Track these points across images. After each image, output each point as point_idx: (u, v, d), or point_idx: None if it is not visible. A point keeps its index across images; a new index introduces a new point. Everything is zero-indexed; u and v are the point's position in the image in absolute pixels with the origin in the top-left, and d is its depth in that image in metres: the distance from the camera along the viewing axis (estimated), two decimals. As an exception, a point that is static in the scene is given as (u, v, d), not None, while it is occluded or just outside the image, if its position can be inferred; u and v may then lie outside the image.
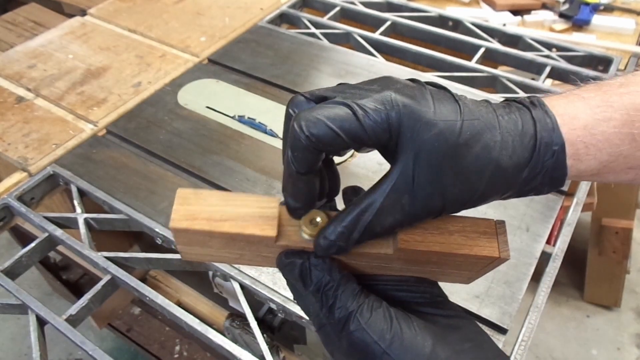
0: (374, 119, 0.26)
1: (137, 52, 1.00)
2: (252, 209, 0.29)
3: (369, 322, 0.27)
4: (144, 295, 0.62)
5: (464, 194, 0.27)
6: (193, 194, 0.30)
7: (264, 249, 0.30)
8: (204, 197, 0.30)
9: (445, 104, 0.27)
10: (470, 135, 0.27)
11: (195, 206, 0.29)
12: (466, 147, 0.27)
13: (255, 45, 1.01)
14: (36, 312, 0.62)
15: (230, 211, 0.29)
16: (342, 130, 0.26)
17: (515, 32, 1.03)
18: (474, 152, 0.27)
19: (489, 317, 0.58)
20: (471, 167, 0.27)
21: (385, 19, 1.08)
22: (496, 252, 0.30)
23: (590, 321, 1.54)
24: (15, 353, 1.48)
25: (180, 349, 1.18)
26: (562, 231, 0.69)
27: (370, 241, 0.29)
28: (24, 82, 0.93)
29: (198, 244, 0.30)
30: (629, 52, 1.01)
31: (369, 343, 0.27)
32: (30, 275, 1.49)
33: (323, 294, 0.29)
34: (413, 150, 0.26)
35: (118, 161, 0.78)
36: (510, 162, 0.27)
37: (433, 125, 0.26)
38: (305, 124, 0.26)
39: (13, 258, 0.67)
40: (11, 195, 0.73)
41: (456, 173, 0.27)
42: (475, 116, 0.27)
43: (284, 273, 0.30)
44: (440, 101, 0.27)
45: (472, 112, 0.27)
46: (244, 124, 0.84)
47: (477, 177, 0.27)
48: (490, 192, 0.28)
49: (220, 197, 0.30)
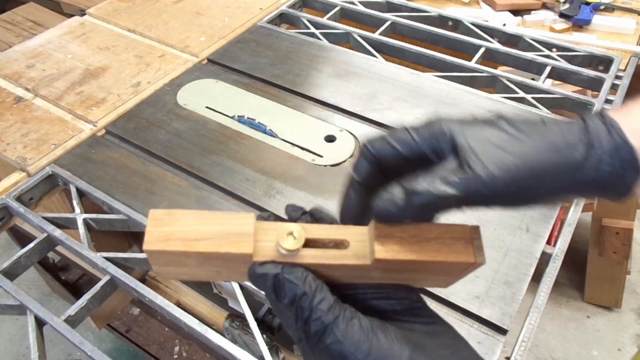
0: (423, 130, 0.30)
1: (136, 52, 0.99)
2: (228, 226, 0.29)
3: (345, 333, 0.27)
4: (143, 295, 0.62)
5: (519, 169, 0.28)
6: (166, 214, 0.29)
7: (241, 266, 0.30)
8: (178, 217, 0.29)
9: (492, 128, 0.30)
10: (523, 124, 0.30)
11: (169, 227, 0.29)
12: (520, 130, 0.29)
13: (254, 45, 1.01)
14: (35, 312, 0.61)
15: (205, 230, 0.29)
16: (398, 142, 0.30)
17: (515, 32, 1.03)
18: (529, 132, 0.29)
19: (489, 317, 0.58)
20: (526, 141, 0.29)
21: (385, 19, 1.08)
22: (472, 257, 0.30)
23: (591, 322, 1.54)
24: (14, 354, 1.48)
25: (179, 350, 1.17)
26: (562, 231, 0.69)
27: (347, 254, 0.30)
28: (22, 82, 0.93)
29: (174, 264, 0.30)
30: (629, 52, 1.01)
31: (347, 355, 0.27)
32: (29, 275, 1.49)
33: (298, 307, 0.28)
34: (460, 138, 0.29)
35: (117, 161, 0.78)
36: (564, 147, 0.28)
37: (479, 124, 0.30)
38: (369, 140, 0.31)
39: (12, 258, 0.66)
40: (10, 196, 0.73)
41: (509, 145, 0.29)
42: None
43: (255, 284, 0.30)
44: (487, 125, 0.30)
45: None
46: (243, 124, 0.84)
47: (532, 151, 0.28)
48: (549, 178, 0.28)
49: (194, 216, 0.29)
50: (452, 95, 0.88)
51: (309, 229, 0.30)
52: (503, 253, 0.65)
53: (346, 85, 0.91)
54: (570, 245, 0.67)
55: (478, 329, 0.58)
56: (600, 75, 0.92)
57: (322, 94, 0.89)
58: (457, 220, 0.31)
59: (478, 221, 0.68)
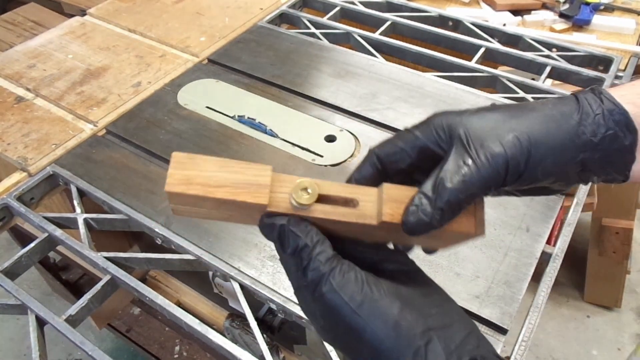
0: (423, 127, 0.33)
1: (136, 52, 1.00)
2: (246, 176, 0.30)
3: (340, 284, 0.29)
4: (144, 295, 0.62)
5: (526, 139, 0.30)
6: (188, 158, 0.31)
7: (254, 213, 0.31)
8: (199, 162, 0.31)
9: (489, 110, 0.32)
10: (516, 106, 0.31)
11: (190, 171, 0.30)
12: (518, 107, 0.31)
13: (255, 45, 1.01)
14: (36, 312, 0.62)
15: (225, 177, 0.30)
16: (402, 141, 0.33)
17: (515, 32, 1.03)
18: (525, 112, 0.31)
19: (489, 317, 0.58)
20: (529, 116, 0.31)
21: (385, 19, 1.08)
22: (472, 228, 0.31)
23: (591, 321, 1.54)
24: (15, 353, 1.48)
25: (180, 350, 1.17)
26: (562, 231, 0.69)
27: (355, 212, 0.31)
28: (23, 82, 0.93)
29: (191, 204, 0.32)
30: (629, 52, 1.01)
31: (340, 304, 0.29)
32: (30, 275, 1.49)
33: (298, 256, 0.30)
34: (462, 127, 0.31)
35: (118, 161, 0.78)
36: (567, 123, 0.30)
37: (475, 112, 0.32)
38: (375, 146, 0.33)
39: (12, 258, 0.66)
40: (11, 196, 0.73)
41: (513, 120, 0.31)
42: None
43: (264, 233, 0.31)
44: (483, 110, 0.32)
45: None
46: (243, 124, 0.84)
47: (535, 123, 0.30)
48: (556, 149, 0.30)
49: (215, 163, 0.31)
50: (452, 95, 0.88)
51: (323, 185, 0.31)
52: (503, 253, 0.65)
53: (346, 85, 0.91)
54: (570, 245, 0.67)
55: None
56: (600, 75, 0.92)
57: (322, 94, 0.89)
58: None
59: (478, 221, 0.68)
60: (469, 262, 0.64)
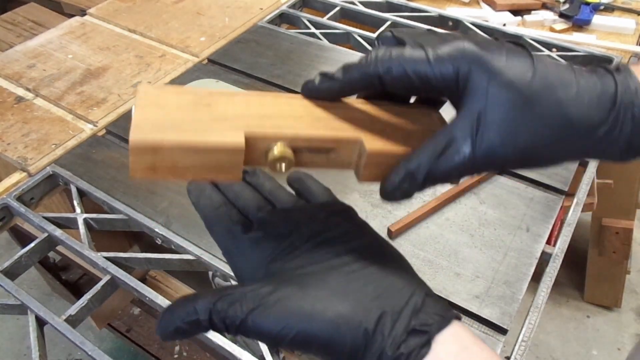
0: (445, 64, 0.28)
1: (136, 52, 1.00)
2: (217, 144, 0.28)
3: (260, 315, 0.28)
4: (144, 295, 0.62)
5: (528, 147, 0.28)
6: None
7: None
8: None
9: (519, 57, 0.28)
10: (541, 87, 0.27)
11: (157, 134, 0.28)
12: (536, 99, 0.27)
13: (255, 45, 1.01)
14: (35, 312, 0.62)
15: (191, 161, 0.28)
16: (413, 72, 0.28)
17: (515, 32, 1.03)
18: (544, 106, 0.27)
19: (489, 317, 0.58)
20: (540, 120, 0.27)
21: (385, 19, 1.08)
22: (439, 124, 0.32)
23: (591, 321, 1.54)
24: (15, 353, 1.48)
25: (180, 350, 1.17)
26: (562, 231, 0.69)
27: (332, 161, 0.30)
28: (23, 82, 0.93)
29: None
30: (629, 52, 1.01)
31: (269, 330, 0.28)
32: (30, 275, 1.49)
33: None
34: (480, 98, 0.27)
35: (118, 161, 0.78)
36: (582, 119, 0.27)
37: (502, 75, 0.27)
38: (382, 57, 0.28)
39: (12, 258, 0.66)
40: (10, 196, 0.73)
41: (523, 124, 0.27)
42: (549, 72, 0.28)
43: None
44: (514, 55, 0.28)
45: (546, 67, 0.28)
46: (243, 124, 0.84)
47: (545, 130, 0.27)
48: (559, 149, 0.28)
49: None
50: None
51: (298, 137, 0.29)
52: (503, 253, 0.65)
53: (346, 85, 0.91)
54: (570, 245, 0.67)
55: (478, 329, 0.58)
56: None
57: (322, 94, 0.89)
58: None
59: (478, 221, 0.68)
60: (469, 262, 0.64)
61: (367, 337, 0.27)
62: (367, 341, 0.27)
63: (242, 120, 0.29)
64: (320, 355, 0.28)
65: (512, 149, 0.28)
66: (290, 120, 0.30)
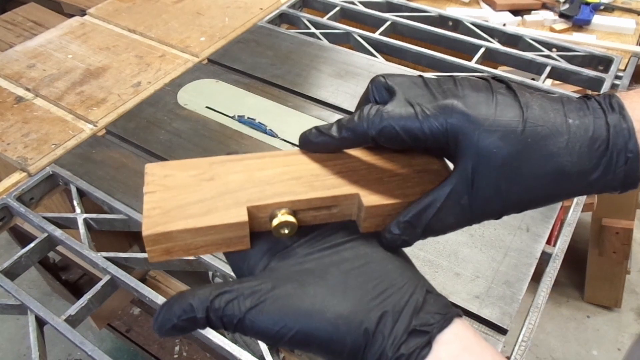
0: (433, 123, 0.28)
1: (136, 52, 1.00)
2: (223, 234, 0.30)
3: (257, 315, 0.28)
4: (144, 295, 0.62)
5: (523, 199, 0.29)
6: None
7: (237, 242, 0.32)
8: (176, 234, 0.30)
9: (508, 110, 0.28)
10: (532, 141, 0.28)
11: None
12: (527, 153, 0.28)
13: (255, 45, 1.01)
14: (35, 312, 0.62)
15: (202, 241, 0.30)
16: (404, 131, 0.29)
17: (515, 32, 1.03)
18: (535, 158, 0.28)
19: (489, 317, 0.58)
20: (531, 173, 0.28)
21: (385, 19, 1.08)
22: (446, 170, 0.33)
23: (591, 321, 1.54)
24: (14, 354, 1.48)
25: (179, 350, 1.17)
26: (562, 231, 0.69)
27: (335, 214, 0.31)
28: (23, 82, 0.93)
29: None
30: (629, 52, 1.01)
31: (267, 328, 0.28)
32: (30, 275, 1.49)
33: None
34: (471, 155, 0.28)
35: (118, 161, 0.78)
36: (574, 168, 0.28)
37: (491, 133, 0.28)
38: (372, 118, 0.29)
39: (12, 258, 0.66)
40: (10, 196, 0.73)
41: (515, 178, 0.28)
42: (539, 122, 0.28)
43: None
44: (504, 107, 0.28)
45: (536, 118, 0.28)
46: (243, 124, 0.84)
47: (537, 182, 0.28)
48: (553, 195, 0.29)
49: (189, 231, 0.30)
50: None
51: (300, 202, 0.31)
52: (503, 253, 0.65)
53: (346, 85, 0.91)
54: (570, 245, 0.67)
55: (478, 329, 0.58)
56: (600, 75, 0.92)
57: (322, 94, 0.89)
58: None
59: (478, 221, 0.68)
60: (469, 262, 0.64)
61: (368, 337, 0.27)
62: (367, 341, 0.27)
63: (244, 192, 0.31)
64: (319, 354, 0.28)
65: (508, 202, 0.29)
66: (289, 183, 0.32)
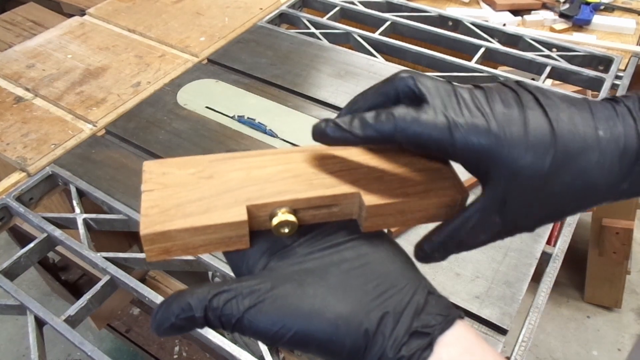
0: (464, 141, 0.27)
1: (136, 52, 0.99)
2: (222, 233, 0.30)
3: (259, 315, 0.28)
4: (143, 295, 0.62)
5: (555, 212, 0.29)
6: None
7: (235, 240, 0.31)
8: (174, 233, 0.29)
9: (538, 129, 0.27)
10: (563, 159, 0.27)
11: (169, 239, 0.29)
12: (558, 171, 0.27)
13: (254, 45, 1.01)
14: (35, 312, 0.61)
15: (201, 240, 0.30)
16: (433, 141, 0.28)
17: (515, 32, 1.03)
18: (566, 176, 0.28)
19: (489, 317, 0.58)
20: (563, 191, 0.28)
21: (385, 19, 1.08)
22: (459, 194, 0.32)
23: (591, 322, 1.54)
24: (14, 354, 1.48)
25: (179, 350, 1.17)
26: (562, 231, 0.69)
27: (336, 212, 0.31)
28: (22, 82, 0.93)
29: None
30: (629, 52, 1.01)
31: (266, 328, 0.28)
32: (29, 275, 1.49)
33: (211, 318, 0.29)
34: (502, 177, 0.28)
35: (117, 161, 0.78)
36: (605, 181, 0.28)
37: (523, 155, 0.27)
38: (402, 122, 0.28)
39: (12, 258, 0.66)
40: (10, 196, 0.73)
41: (547, 196, 0.28)
42: (569, 138, 0.27)
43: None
44: (535, 127, 0.28)
45: (566, 134, 0.27)
46: (243, 124, 0.84)
47: (569, 197, 0.28)
48: (583, 206, 0.29)
49: (188, 231, 0.29)
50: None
51: (300, 201, 0.30)
52: (503, 253, 0.65)
53: (346, 85, 0.91)
54: (570, 245, 0.67)
55: (478, 329, 0.58)
56: (600, 75, 0.92)
57: (322, 94, 0.89)
58: None
59: (478, 221, 0.68)
60: (469, 262, 0.64)
61: (368, 338, 0.26)
62: (368, 342, 0.26)
63: (243, 190, 0.30)
64: (319, 354, 0.28)
65: (540, 217, 0.29)
66: (290, 181, 0.31)
